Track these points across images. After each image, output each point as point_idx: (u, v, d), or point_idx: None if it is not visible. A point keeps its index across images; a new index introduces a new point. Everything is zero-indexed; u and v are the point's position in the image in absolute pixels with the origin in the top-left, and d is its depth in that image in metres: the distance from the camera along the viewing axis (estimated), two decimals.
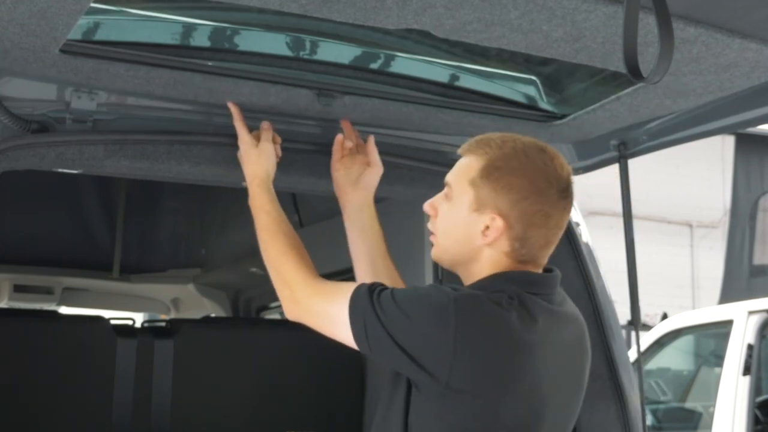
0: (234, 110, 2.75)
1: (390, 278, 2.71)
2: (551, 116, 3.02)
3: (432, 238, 2.39)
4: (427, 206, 2.39)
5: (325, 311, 2.33)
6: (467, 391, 2.14)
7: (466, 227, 2.30)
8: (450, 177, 2.36)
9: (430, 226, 2.40)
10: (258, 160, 2.71)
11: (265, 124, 2.77)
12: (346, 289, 2.29)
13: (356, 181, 2.81)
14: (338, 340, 2.32)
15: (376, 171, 2.83)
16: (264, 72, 2.71)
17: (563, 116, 2.99)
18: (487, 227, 2.27)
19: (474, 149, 2.34)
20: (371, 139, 2.84)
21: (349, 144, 2.83)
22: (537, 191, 2.27)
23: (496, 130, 3.02)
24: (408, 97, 2.86)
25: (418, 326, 2.17)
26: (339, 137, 2.84)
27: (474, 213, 2.29)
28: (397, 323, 2.18)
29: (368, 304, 2.22)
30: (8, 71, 2.57)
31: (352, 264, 2.80)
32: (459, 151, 2.39)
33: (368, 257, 2.76)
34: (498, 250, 2.28)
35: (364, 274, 2.75)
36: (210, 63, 2.66)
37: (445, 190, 2.36)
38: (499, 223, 2.26)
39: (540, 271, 2.35)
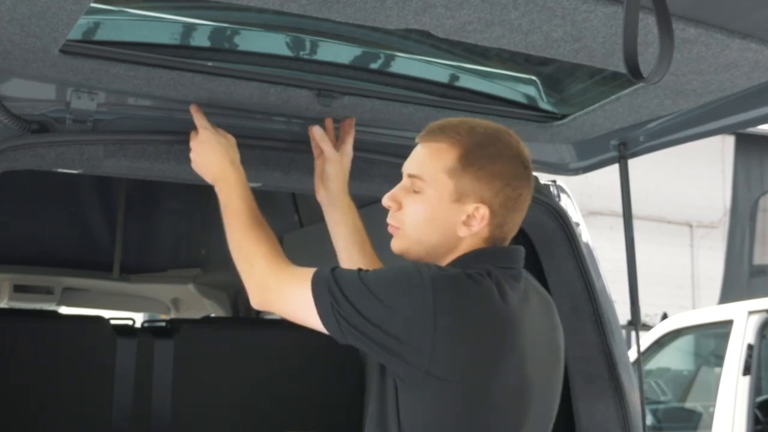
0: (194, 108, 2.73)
1: None
2: (551, 117, 3.02)
3: (393, 230, 2.30)
4: (387, 200, 2.30)
5: (293, 292, 2.25)
6: (451, 377, 2.11)
7: (446, 218, 2.24)
8: (416, 168, 2.27)
9: (390, 219, 2.30)
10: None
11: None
12: (308, 271, 2.24)
13: (321, 177, 2.78)
14: (309, 324, 2.24)
15: (333, 163, 2.76)
16: (264, 72, 2.71)
17: (563, 116, 2.99)
18: (469, 217, 2.24)
19: (440, 136, 2.26)
20: (316, 129, 2.79)
21: (313, 141, 2.80)
22: (516, 176, 2.27)
23: None
24: (408, 97, 2.86)
25: (393, 312, 2.10)
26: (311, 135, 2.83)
27: (454, 203, 2.24)
28: (371, 309, 2.11)
29: (334, 286, 2.15)
30: (8, 71, 2.57)
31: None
32: (419, 138, 2.30)
33: (345, 253, 2.73)
34: (478, 237, 2.27)
35: None
36: (210, 63, 2.66)
37: (410, 181, 2.27)
38: (483, 211, 2.24)
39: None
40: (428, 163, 2.26)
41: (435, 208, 2.25)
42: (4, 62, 2.46)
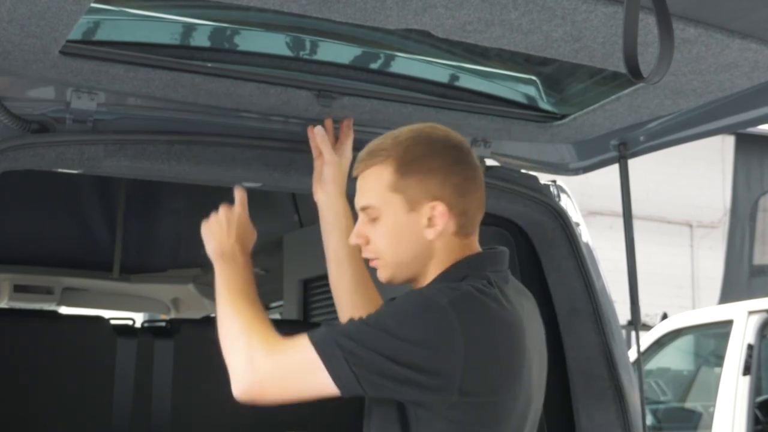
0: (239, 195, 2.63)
1: (357, 282, 2.63)
2: (551, 117, 3.02)
3: (374, 264, 2.32)
4: (354, 238, 2.32)
5: (293, 361, 2.16)
6: (482, 392, 2.11)
7: (410, 230, 2.27)
8: (363, 199, 2.30)
9: (365, 254, 2.33)
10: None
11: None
12: (302, 336, 2.16)
13: (319, 179, 2.75)
14: (312, 393, 2.16)
15: (331, 166, 2.73)
16: (264, 73, 2.71)
17: (563, 116, 2.99)
18: (430, 218, 2.26)
19: (369, 161, 2.30)
20: (317, 132, 2.77)
21: (312, 142, 2.78)
22: (454, 162, 2.29)
23: (496, 131, 3.03)
24: (408, 98, 2.86)
25: (419, 346, 2.06)
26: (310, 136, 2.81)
27: (411, 213, 2.27)
28: (394, 350, 2.06)
29: (343, 339, 2.09)
30: (8, 73, 2.57)
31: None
32: (354, 172, 2.34)
33: (334, 255, 2.69)
34: (446, 233, 2.28)
35: (332, 277, 2.69)
36: (209, 64, 2.66)
37: (364, 214, 2.30)
38: (441, 208, 2.26)
39: (476, 238, 2.34)
40: (370, 189, 2.29)
41: (396, 226, 2.27)
42: (4, 63, 2.46)
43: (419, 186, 2.26)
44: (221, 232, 2.55)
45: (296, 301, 4.64)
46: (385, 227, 2.28)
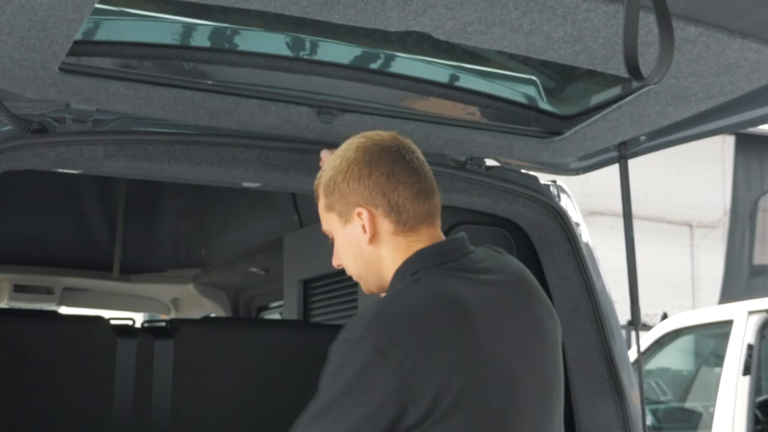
0: None
1: None
2: (552, 132, 3.01)
3: (357, 279, 2.39)
4: (334, 262, 2.41)
5: None
6: (437, 398, 2.06)
7: (351, 242, 2.31)
8: (322, 226, 2.39)
9: (347, 273, 2.42)
10: None
11: None
12: None
13: None
14: None
15: None
16: (264, 90, 2.70)
17: (566, 123, 2.97)
18: (363, 226, 2.27)
19: (316, 193, 2.39)
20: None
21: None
22: (365, 164, 2.28)
23: (497, 147, 3.03)
24: (409, 114, 2.85)
25: (355, 400, 2.10)
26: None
27: (346, 226, 2.30)
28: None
29: None
30: (8, 93, 2.56)
31: None
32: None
33: None
34: (385, 234, 2.27)
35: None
36: (210, 81, 2.66)
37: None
38: (364, 213, 2.27)
39: (437, 230, 2.31)
40: (320, 215, 2.37)
41: (343, 242, 2.33)
42: (3, 82, 2.45)
43: (342, 198, 2.30)
44: None
45: (296, 301, 4.64)
46: (337, 246, 2.36)
